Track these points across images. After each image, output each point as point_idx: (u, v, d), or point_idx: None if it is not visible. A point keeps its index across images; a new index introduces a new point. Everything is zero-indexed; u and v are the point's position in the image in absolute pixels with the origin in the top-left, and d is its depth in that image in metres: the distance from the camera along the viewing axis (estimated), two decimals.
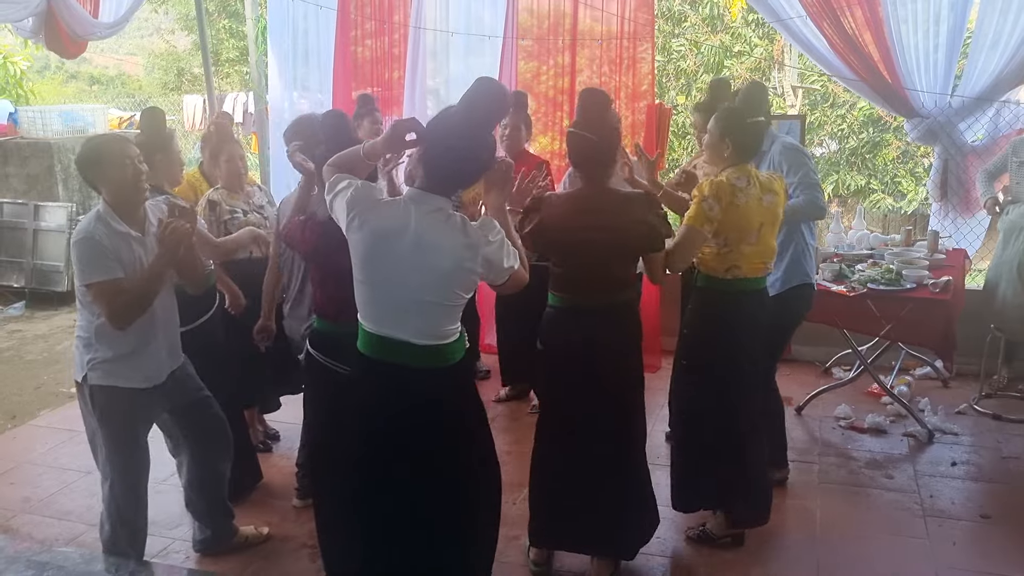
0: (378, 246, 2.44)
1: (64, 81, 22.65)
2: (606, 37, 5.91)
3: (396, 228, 2.43)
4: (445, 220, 2.45)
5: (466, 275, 2.45)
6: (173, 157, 3.78)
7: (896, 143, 10.34)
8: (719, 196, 3.21)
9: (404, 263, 2.42)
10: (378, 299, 2.49)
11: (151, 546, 3.69)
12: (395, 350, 2.48)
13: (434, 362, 2.50)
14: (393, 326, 2.47)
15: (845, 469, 4.30)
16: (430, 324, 2.47)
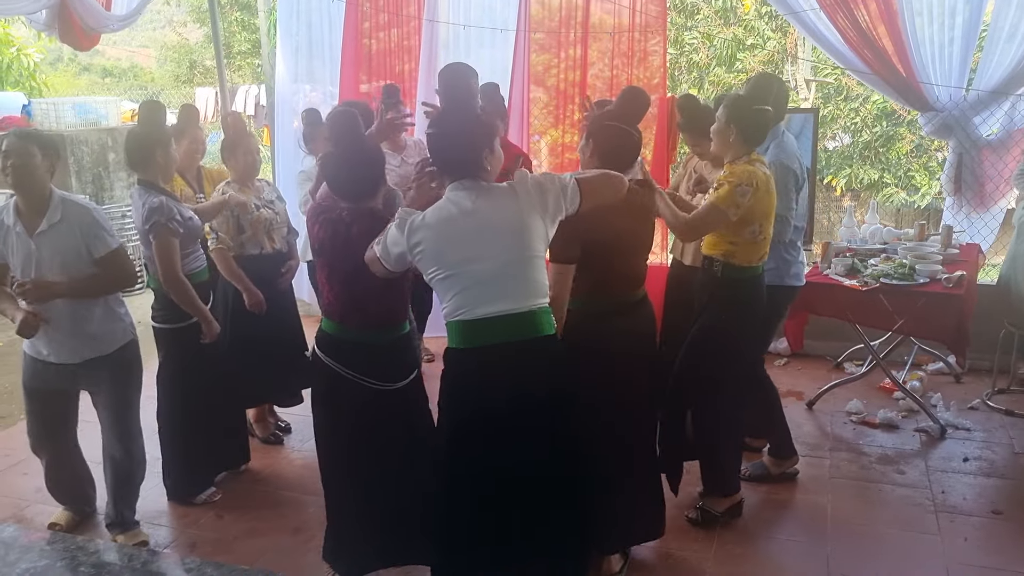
0: (447, 235, 2.56)
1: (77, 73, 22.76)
2: (618, 30, 5.88)
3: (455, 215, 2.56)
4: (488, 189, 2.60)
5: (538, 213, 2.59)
6: (172, 154, 3.77)
7: (910, 137, 10.27)
8: (756, 184, 3.26)
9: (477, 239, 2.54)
10: (463, 282, 2.56)
11: (161, 537, 3.72)
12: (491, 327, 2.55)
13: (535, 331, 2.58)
14: (487, 302, 2.54)
15: (856, 464, 4.29)
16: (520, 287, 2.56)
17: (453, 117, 2.70)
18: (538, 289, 2.59)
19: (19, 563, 3.46)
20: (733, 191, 3.26)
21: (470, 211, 2.55)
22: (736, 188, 3.25)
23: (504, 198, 2.58)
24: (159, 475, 4.30)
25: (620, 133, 3.10)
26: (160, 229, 3.57)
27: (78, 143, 8.36)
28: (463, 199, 2.57)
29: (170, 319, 3.87)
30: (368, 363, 2.95)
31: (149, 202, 3.59)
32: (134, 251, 8.28)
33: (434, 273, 2.58)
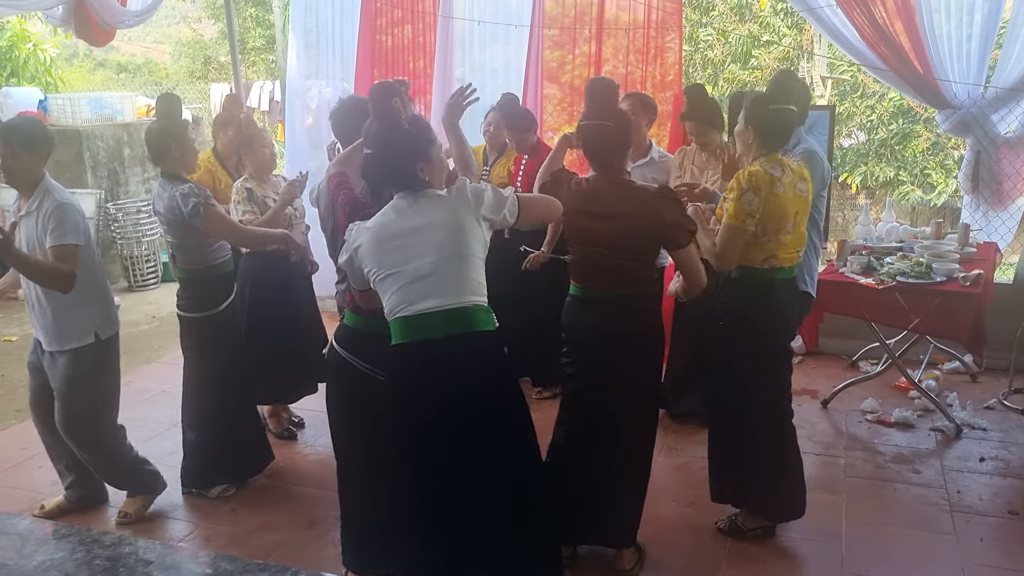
0: (384, 235, 2.65)
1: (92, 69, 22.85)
2: (632, 26, 5.87)
3: (392, 218, 2.68)
4: (422, 196, 2.69)
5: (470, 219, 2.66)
6: (188, 146, 3.80)
7: (926, 134, 10.20)
8: (757, 187, 3.19)
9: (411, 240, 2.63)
10: (398, 282, 2.63)
11: (176, 530, 3.73)
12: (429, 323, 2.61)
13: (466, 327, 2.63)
14: (422, 298, 2.60)
15: (871, 463, 4.27)
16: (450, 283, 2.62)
17: (381, 137, 2.77)
18: (474, 287, 2.65)
19: (35, 555, 3.49)
20: (739, 202, 3.20)
21: (406, 213, 2.66)
22: (742, 198, 3.20)
23: (440, 201, 2.68)
24: (174, 468, 4.32)
25: (594, 129, 3.14)
26: (202, 206, 3.64)
27: (93, 138, 8.41)
28: (401, 205, 2.69)
29: (195, 308, 3.90)
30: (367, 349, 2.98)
31: (179, 189, 3.66)
32: (149, 246, 8.34)
33: (374, 274, 2.67)
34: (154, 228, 8.42)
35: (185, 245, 3.81)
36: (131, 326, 7.04)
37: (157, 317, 7.31)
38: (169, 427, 4.86)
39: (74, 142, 8.28)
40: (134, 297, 8.10)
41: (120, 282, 8.48)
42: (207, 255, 3.85)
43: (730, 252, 3.26)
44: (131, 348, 6.36)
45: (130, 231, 8.28)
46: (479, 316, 2.64)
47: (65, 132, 8.32)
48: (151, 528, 3.79)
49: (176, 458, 4.42)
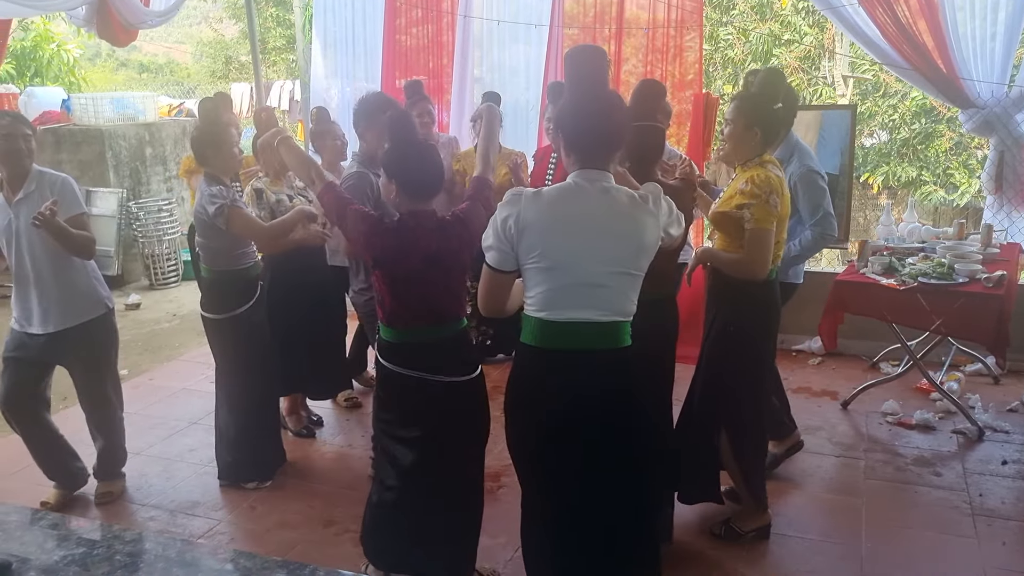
0: (562, 227, 2.42)
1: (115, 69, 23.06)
2: (652, 25, 5.85)
3: (573, 208, 2.43)
4: (614, 191, 2.46)
5: (655, 237, 2.48)
6: (226, 150, 3.85)
7: (949, 134, 10.11)
8: (776, 191, 3.19)
9: (597, 239, 2.42)
10: (567, 281, 2.43)
11: (195, 527, 3.76)
12: (581, 332, 2.45)
13: (617, 342, 2.48)
14: (581, 307, 2.43)
15: (892, 466, 4.23)
16: (623, 298, 2.46)
17: (595, 97, 2.54)
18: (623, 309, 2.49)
19: (57, 551, 3.52)
20: (767, 207, 3.18)
21: (589, 208, 2.43)
22: (768, 201, 3.18)
23: (627, 205, 2.45)
24: (193, 465, 4.36)
25: (648, 131, 3.08)
26: (227, 207, 3.72)
27: (116, 137, 8.47)
28: (583, 192, 2.45)
29: (215, 308, 3.94)
30: (437, 360, 2.93)
31: (210, 190, 3.76)
32: (170, 245, 8.40)
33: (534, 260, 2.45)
34: (175, 227, 8.48)
35: (210, 245, 3.88)
36: (152, 324, 7.10)
37: (178, 315, 7.36)
38: (190, 424, 4.89)
39: (96, 141, 8.35)
40: (155, 295, 8.16)
41: (141, 280, 8.55)
42: (231, 259, 3.91)
43: (766, 257, 3.24)
44: (152, 346, 6.42)
45: (151, 230, 8.34)
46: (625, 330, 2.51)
47: (88, 131, 8.40)
48: (171, 525, 3.81)
49: (197, 455, 4.46)
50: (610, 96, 2.56)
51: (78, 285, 3.82)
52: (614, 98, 2.56)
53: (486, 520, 3.21)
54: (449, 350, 2.96)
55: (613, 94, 2.61)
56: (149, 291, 8.27)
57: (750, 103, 3.33)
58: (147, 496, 4.08)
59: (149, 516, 3.90)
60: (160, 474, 4.30)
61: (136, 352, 6.36)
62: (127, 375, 5.82)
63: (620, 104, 2.55)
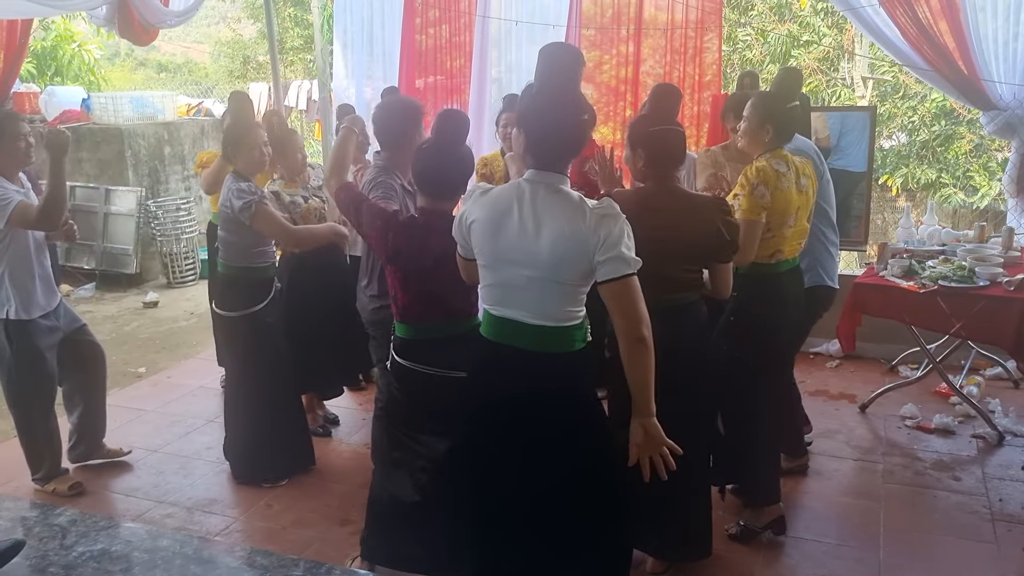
0: (492, 227, 2.44)
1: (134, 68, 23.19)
2: (671, 26, 5.83)
3: (507, 209, 2.43)
4: (561, 197, 2.42)
5: (582, 253, 2.36)
6: (254, 146, 3.88)
7: (969, 136, 10.03)
8: (767, 182, 3.24)
9: (519, 241, 2.40)
10: (497, 280, 2.47)
11: (212, 525, 3.77)
12: (512, 331, 2.46)
13: (552, 347, 2.45)
14: (511, 306, 2.45)
15: (910, 470, 4.20)
16: (548, 304, 2.42)
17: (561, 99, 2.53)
18: (558, 315, 2.45)
19: (75, 547, 3.54)
20: (752, 196, 3.24)
21: (526, 210, 2.42)
22: (753, 192, 3.23)
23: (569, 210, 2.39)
24: (211, 463, 4.38)
25: (669, 135, 3.07)
26: (255, 204, 3.75)
27: (135, 136, 8.53)
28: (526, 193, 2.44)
29: (229, 306, 3.95)
30: (450, 356, 2.93)
31: (238, 185, 3.80)
32: (188, 244, 8.45)
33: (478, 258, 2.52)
34: (193, 225, 8.52)
35: (231, 240, 3.91)
36: (170, 322, 7.14)
37: (195, 314, 7.39)
38: (207, 422, 4.91)
39: (116, 140, 8.41)
40: (173, 294, 8.20)
41: (159, 278, 8.60)
42: (250, 256, 3.93)
43: (750, 246, 3.28)
44: (169, 344, 6.46)
45: (169, 228, 8.39)
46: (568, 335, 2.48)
47: (107, 130, 8.45)
48: (188, 522, 3.82)
49: (214, 453, 4.48)
50: (575, 98, 2.55)
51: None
52: (580, 100, 2.55)
53: None
54: (461, 346, 2.95)
55: (578, 96, 2.62)
56: (167, 289, 8.31)
57: (766, 100, 3.41)
58: (164, 493, 4.10)
59: (166, 513, 3.92)
60: (177, 471, 4.32)
61: (154, 350, 6.40)
62: (145, 372, 5.86)
63: (584, 107, 2.52)
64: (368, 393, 5.23)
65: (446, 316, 2.97)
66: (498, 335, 2.49)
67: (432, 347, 2.97)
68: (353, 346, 4.58)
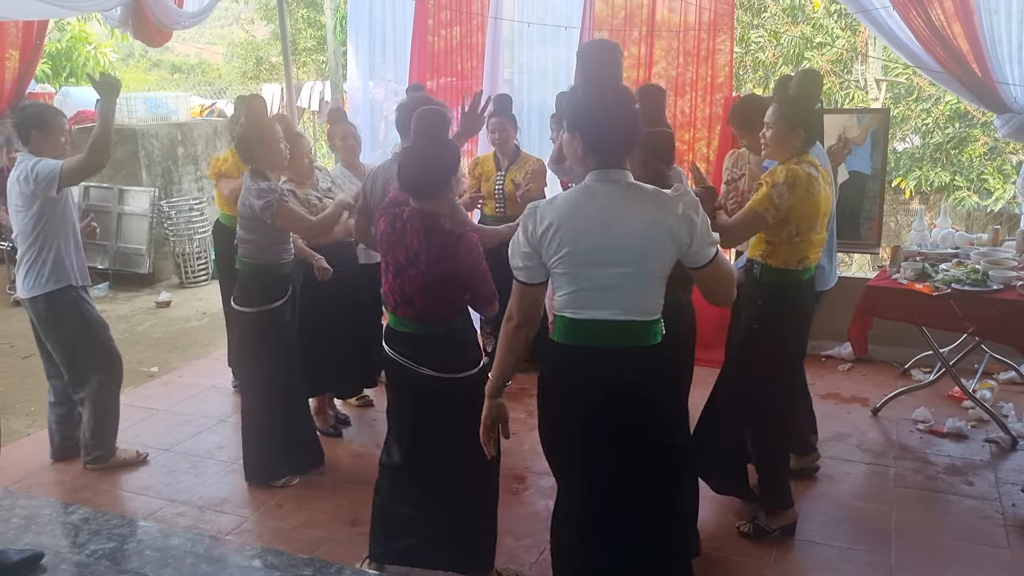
0: (573, 233, 2.41)
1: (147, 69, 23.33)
2: (683, 28, 5.83)
3: (584, 213, 2.43)
4: (632, 188, 2.45)
5: (671, 238, 2.39)
6: (271, 145, 3.90)
7: (983, 139, 9.97)
8: (794, 185, 3.20)
9: (605, 241, 2.40)
10: (583, 284, 2.45)
11: (223, 524, 3.79)
12: (598, 332, 2.46)
13: (639, 341, 2.47)
14: (599, 307, 2.44)
15: (922, 474, 4.18)
16: (639, 299, 2.44)
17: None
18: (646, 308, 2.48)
19: (88, 545, 3.59)
20: (769, 193, 3.21)
21: (603, 209, 2.42)
22: (773, 189, 3.21)
23: (649, 200, 2.43)
24: (222, 462, 4.40)
25: (665, 136, 3.10)
26: (276, 202, 3.78)
27: (148, 137, 8.57)
28: (598, 195, 2.44)
29: (248, 302, 3.97)
30: (421, 352, 3.05)
31: (259, 184, 3.82)
32: (200, 244, 8.48)
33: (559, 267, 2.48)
34: (206, 226, 8.56)
35: (250, 238, 3.93)
36: (182, 322, 7.18)
37: (207, 313, 7.42)
38: (218, 422, 4.93)
39: (130, 141, 8.45)
40: (185, 293, 8.24)
41: (172, 278, 8.64)
42: (269, 253, 3.95)
43: (741, 235, 3.29)
44: (181, 344, 6.49)
45: (182, 228, 8.42)
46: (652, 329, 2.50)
47: (121, 131, 8.48)
48: (199, 521, 3.84)
49: (225, 452, 4.50)
50: (625, 93, 2.57)
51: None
52: (628, 94, 2.56)
53: (511, 521, 3.21)
54: (434, 347, 3.06)
55: (626, 90, 2.62)
56: (179, 289, 8.35)
57: (794, 105, 3.37)
58: (176, 492, 4.12)
59: (178, 512, 3.93)
60: (189, 471, 4.34)
61: (166, 350, 6.42)
62: (157, 372, 5.88)
63: (634, 100, 2.53)
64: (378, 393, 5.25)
65: (414, 315, 3.04)
66: (581, 338, 2.48)
67: (404, 339, 3.07)
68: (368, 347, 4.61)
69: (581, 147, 2.47)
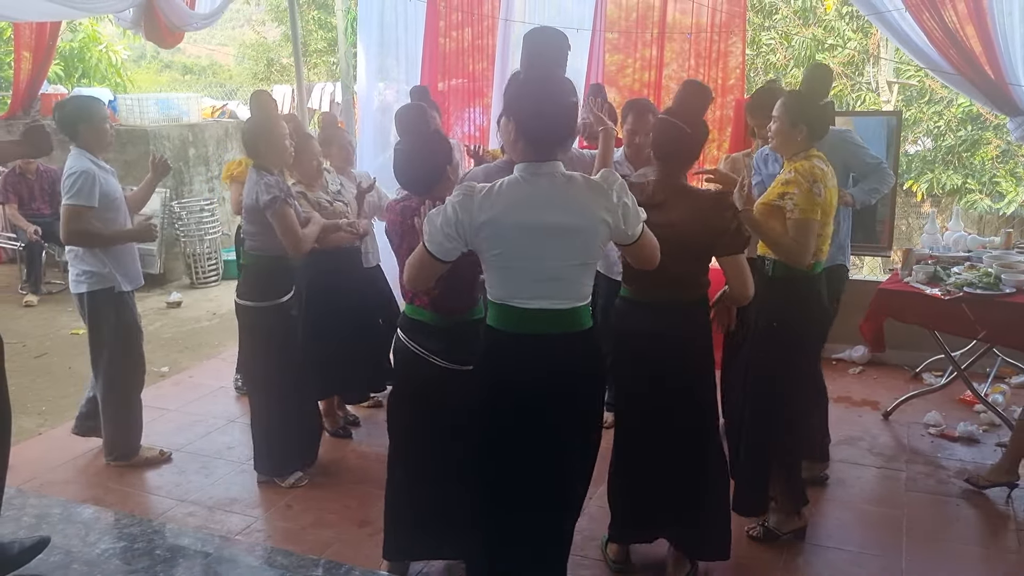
0: (511, 223, 2.44)
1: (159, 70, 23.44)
2: (695, 30, 5.82)
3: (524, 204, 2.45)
4: (567, 181, 2.47)
5: (607, 225, 2.46)
6: (277, 141, 3.91)
7: (996, 141, 9.93)
8: (822, 180, 3.22)
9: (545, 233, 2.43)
10: (520, 275, 2.49)
11: (232, 524, 3.80)
12: (537, 320, 2.50)
13: (576, 326, 2.54)
14: (538, 296, 2.48)
15: (934, 478, 4.16)
16: (576, 287, 2.51)
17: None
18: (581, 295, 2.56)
19: (98, 544, 3.60)
20: (811, 195, 3.19)
21: (540, 202, 2.46)
22: (812, 190, 3.19)
23: (581, 191, 2.47)
24: (231, 463, 4.41)
25: (671, 128, 3.02)
26: (279, 202, 3.78)
27: (160, 138, 8.60)
28: (530, 185, 2.48)
29: (254, 296, 3.97)
30: (438, 342, 3.04)
31: (265, 179, 3.81)
32: (211, 244, 8.50)
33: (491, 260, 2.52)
34: (216, 226, 8.59)
35: (255, 231, 3.92)
36: (192, 322, 7.20)
37: (217, 314, 7.44)
38: (228, 422, 4.95)
39: (141, 141, 8.47)
40: (195, 294, 8.26)
41: (183, 279, 8.66)
42: (275, 245, 3.90)
43: (809, 246, 3.24)
44: (191, 344, 6.51)
45: (193, 229, 8.45)
46: (584, 313, 2.57)
47: (133, 131, 8.53)
48: (209, 521, 3.85)
49: (235, 453, 4.51)
50: (563, 83, 2.56)
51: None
52: (567, 85, 2.56)
53: None
54: (452, 338, 3.05)
55: (566, 81, 2.62)
56: (190, 290, 8.37)
57: (797, 100, 3.37)
58: (186, 492, 4.13)
59: (188, 512, 3.94)
60: (199, 471, 4.35)
61: (176, 350, 6.45)
62: (167, 372, 5.90)
63: (572, 93, 2.54)
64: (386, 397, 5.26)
65: (432, 305, 3.03)
66: (519, 325, 2.52)
67: (422, 329, 3.06)
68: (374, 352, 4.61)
69: (514, 133, 2.49)
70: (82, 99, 4.43)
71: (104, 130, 4.11)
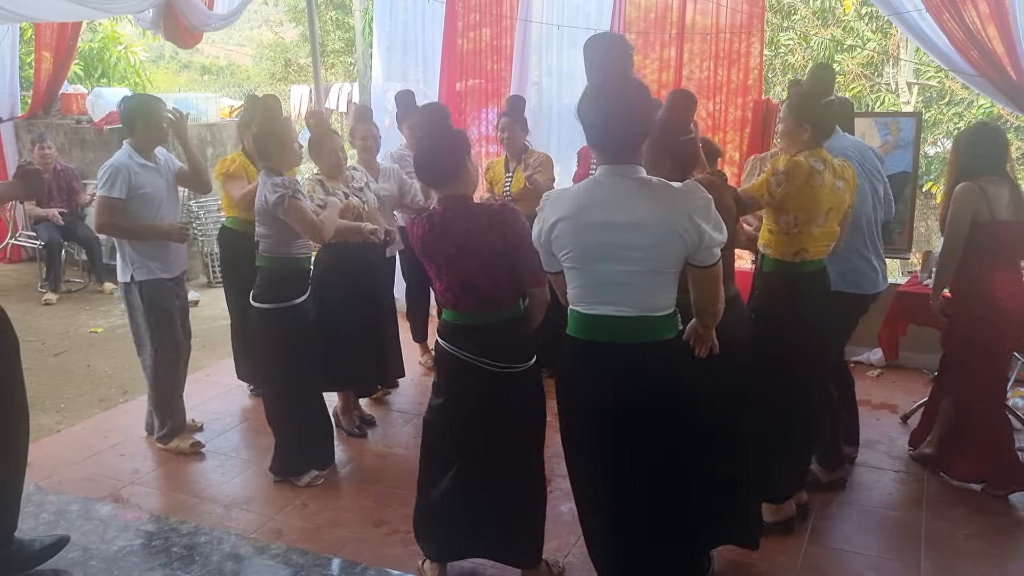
0: (578, 226, 2.47)
1: (178, 70, 23.54)
2: (714, 31, 5.79)
3: (593, 207, 2.47)
4: (640, 184, 2.46)
5: (680, 236, 2.41)
6: (285, 144, 3.93)
7: (1017, 143, 9.85)
8: (792, 176, 3.25)
9: (613, 237, 2.44)
10: (590, 279, 2.50)
11: (248, 522, 3.81)
12: (608, 327, 2.50)
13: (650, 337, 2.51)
14: (607, 303, 2.48)
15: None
16: (648, 296, 2.47)
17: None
18: (652, 304, 2.51)
19: (116, 541, 3.62)
20: (768, 179, 3.30)
21: (611, 206, 2.47)
22: (772, 177, 3.29)
23: (658, 198, 2.45)
24: (247, 462, 4.42)
25: (690, 144, 3.04)
26: (288, 198, 3.79)
27: None
28: (605, 189, 2.49)
29: (269, 298, 3.98)
30: (482, 344, 3.01)
31: (273, 180, 3.84)
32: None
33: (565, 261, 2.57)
34: None
35: (268, 233, 3.93)
36: (210, 321, 7.22)
37: None
38: (245, 421, 4.96)
39: None
40: (213, 293, 8.28)
41: (200, 278, 8.70)
42: (289, 246, 3.94)
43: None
44: (209, 343, 6.53)
45: (211, 228, 8.48)
46: (663, 324, 2.53)
47: None
48: (225, 519, 3.86)
49: (251, 451, 4.53)
50: (625, 88, 2.52)
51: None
52: (631, 89, 2.52)
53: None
54: (494, 337, 3.02)
55: (635, 82, 2.58)
56: (207, 288, 8.41)
57: (801, 100, 3.43)
58: (203, 490, 4.15)
59: (205, 510, 3.95)
60: (215, 469, 4.37)
61: (194, 348, 6.42)
62: None
63: (641, 94, 2.51)
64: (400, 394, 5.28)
65: (476, 304, 3.01)
66: (592, 333, 2.52)
67: (464, 332, 3.03)
68: (385, 345, 4.62)
69: (586, 140, 2.54)
70: (145, 97, 4.61)
71: (160, 130, 4.31)
